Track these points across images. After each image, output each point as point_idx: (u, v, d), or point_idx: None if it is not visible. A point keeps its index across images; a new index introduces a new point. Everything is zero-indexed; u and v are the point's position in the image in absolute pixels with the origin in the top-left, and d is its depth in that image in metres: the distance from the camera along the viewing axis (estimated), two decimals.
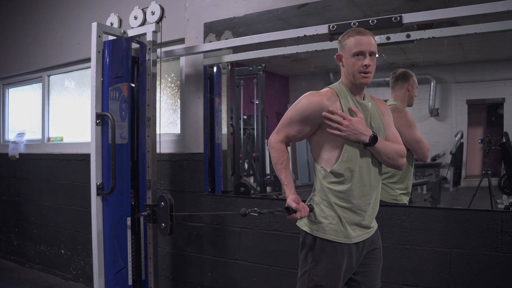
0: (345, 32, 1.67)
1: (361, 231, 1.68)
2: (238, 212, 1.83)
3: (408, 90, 2.34)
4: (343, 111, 1.63)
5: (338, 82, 1.73)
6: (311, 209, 1.68)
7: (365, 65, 1.60)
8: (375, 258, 1.77)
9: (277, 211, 1.75)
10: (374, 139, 1.62)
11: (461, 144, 3.37)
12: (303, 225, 1.73)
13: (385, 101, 2.26)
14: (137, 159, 2.72)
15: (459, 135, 3.36)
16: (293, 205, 1.62)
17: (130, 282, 2.63)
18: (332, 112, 1.62)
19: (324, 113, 1.62)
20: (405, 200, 2.30)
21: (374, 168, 1.68)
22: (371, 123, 1.69)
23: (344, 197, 1.64)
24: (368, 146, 1.63)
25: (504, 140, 2.68)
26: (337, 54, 1.70)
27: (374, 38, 1.65)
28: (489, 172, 2.85)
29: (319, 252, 1.66)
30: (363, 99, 1.72)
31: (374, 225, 1.77)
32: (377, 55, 1.66)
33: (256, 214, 1.79)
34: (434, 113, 3.47)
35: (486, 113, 3.54)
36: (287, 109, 1.75)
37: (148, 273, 2.62)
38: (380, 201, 1.80)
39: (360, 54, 1.61)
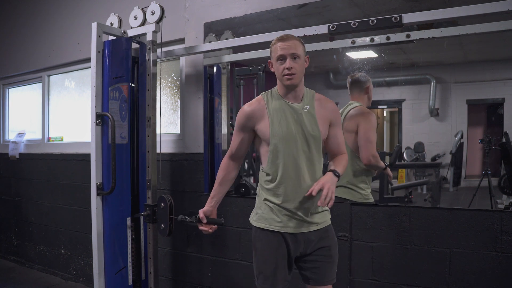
0: (273, 40, 1.78)
1: (298, 223, 1.76)
2: (176, 217, 2.04)
3: (367, 92, 2.46)
4: (269, 115, 1.75)
5: (273, 88, 1.84)
6: (220, 224, 1.89)
7: (287, 68, 1.69)
8: (324, 256, 1.81)
9: (195, 218, 1.93)
10: (337, 174, 1.75)
11: (461, 144, 3.37)
12: (251, 218, 1.88)
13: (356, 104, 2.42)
14: (137, 159, 2.72)
15: (459, 135, 3.36)
16: (201, 214, 1.88)
17: (130, 282, 2.63)
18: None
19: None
20: (371, 196, 2.45)
21: (305, 169, 1.75)
22: (302, 129, 1.75)
23: (273, 194, 1.76)
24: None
25: (504, 140, 2.67)
26: (269, 61, 1.80)
27: (299, 42, 1.74)
28: (489, 172, 2.85)
29: (254, 240, 1.82)
30: (301, 101, 1.78)
31: (320, 221, 1.80)
32: (304, 58, 1.74)
33: (186, 219, 1.97)
34: (434, 113, 3.47)
35: (486, 113, 3.54)
36: None
37: (148, 273, 2.62)
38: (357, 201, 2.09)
39: (281, 58, 1.71)
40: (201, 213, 1.88)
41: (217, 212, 1.95)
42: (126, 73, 2.61)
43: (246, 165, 3.61)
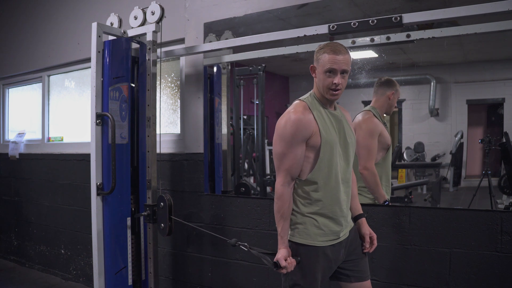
0: (322, 46, 1.68)
1: (339, 232, 1.75)
2: (229, 240, 1.92)
3: (389, 98, 2.40)
4: (317, 124, 1.67)
5: (309, 93, 1.76)
6: (298, 262, 1.70)
7: (335, 83, 1.64)
8: (359, 253, 1.86)
9: (266, 260, 1.75)
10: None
11: (461, 144, 3.37)
12: None
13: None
14: (137, 159, 2.72)
15: (459, 135, 3.37)
16: (283, 263, 1.65)
17: (130, 282, 2.63)
18: None
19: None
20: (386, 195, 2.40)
21: (344, 175, 1.75)
22: (346, 138, 1.74)
23: (317, 204, 1.70)
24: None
25: (504, 140, 2.68)
26: (311, 65, 1.73)
27: (349, 56, 1.66)
28: (489, 172, 2.85)
29: (294, 254, 1.70)
30: (334, 109, 1.77)
31: (350, 222, 1.84)
32: (349, 73, 1.68)
33: (246, 249, 1.83)
34: (434, 113, 3.47)
35: (486, 113, 3.55)
36: (286, 109, 1.75)
37: (148, 273, 2.62)
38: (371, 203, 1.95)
39: (331, 71, 1.64)
40: (282, 261, 1.65)
41: (216, 213, 1.95)
42: (126, 73, 2.61)
43: (246, 165, 3.61)
